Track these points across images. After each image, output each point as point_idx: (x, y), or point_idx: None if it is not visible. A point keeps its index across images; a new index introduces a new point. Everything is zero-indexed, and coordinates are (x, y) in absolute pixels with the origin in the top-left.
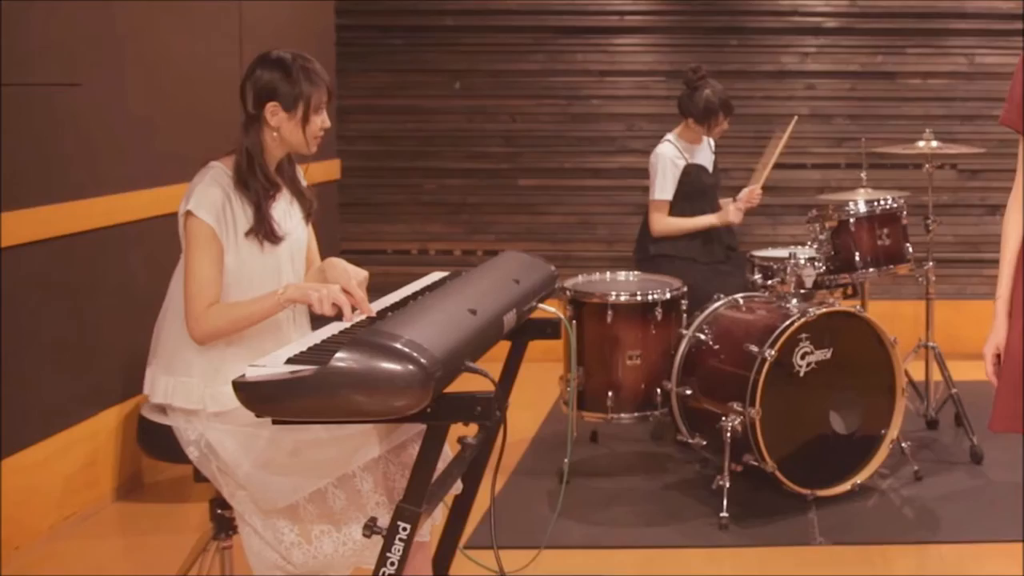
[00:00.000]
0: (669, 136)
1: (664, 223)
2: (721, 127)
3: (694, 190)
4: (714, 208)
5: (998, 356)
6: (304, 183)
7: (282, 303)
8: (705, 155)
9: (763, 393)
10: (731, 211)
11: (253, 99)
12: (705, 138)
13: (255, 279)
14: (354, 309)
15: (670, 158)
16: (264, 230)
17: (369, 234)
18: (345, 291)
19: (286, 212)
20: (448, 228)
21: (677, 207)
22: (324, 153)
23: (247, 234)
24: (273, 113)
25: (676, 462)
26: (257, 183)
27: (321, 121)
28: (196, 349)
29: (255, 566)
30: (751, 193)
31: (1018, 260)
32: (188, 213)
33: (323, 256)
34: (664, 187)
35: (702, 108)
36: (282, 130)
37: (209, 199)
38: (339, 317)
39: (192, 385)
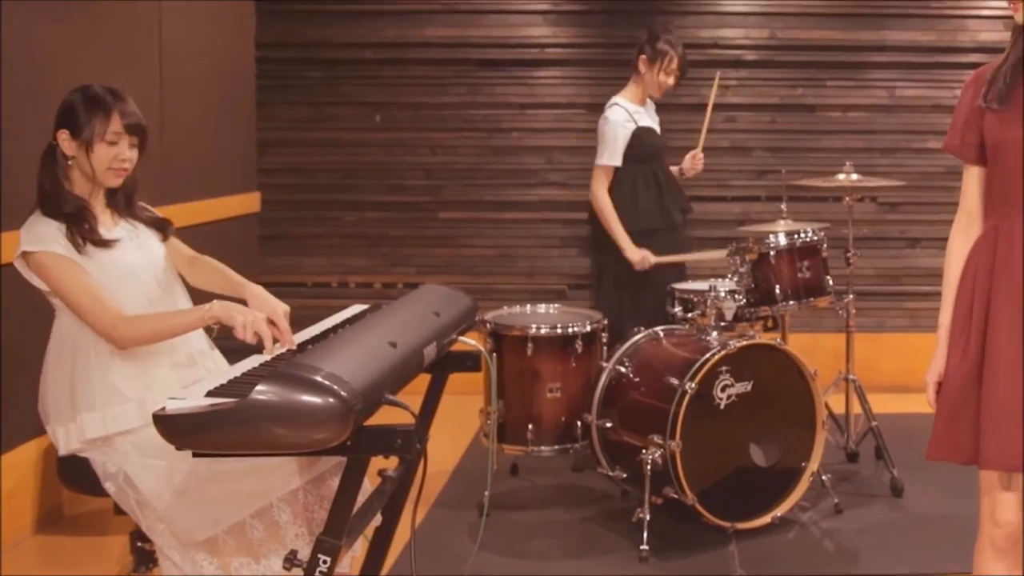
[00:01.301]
0: (617, 99)
1: (601, 200)
2: (668, 78)
3: (645, 153)
4: (664, 169)
5: (939, 384)
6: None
7: (206, 319)
8: (651, 117)
9: (683, 426)
10: (634, 253)
11: (53, 127)
12: (649, 100)
13: (123, 285)
14: (275, 341)
15: (621, 122)
16: (82, 236)
17: (289, 267)
18: (270, 322)
19: (133, 233)
20: (368, 261)
21: (630, 170)
22: (244, 186)
23: (76, 247)
24: (64, 141)
25: (596, 495)
26: (64, 209)
27: (115, 152)
28: (93, 379)
29: None
30: (694, 158)
31: (958, 288)
32: (28, 254)
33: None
34: (614, 153)
35: (655, 42)
36: (78, 159)
37: (41, 233)
38: (257, 347)
39: (101, 414)
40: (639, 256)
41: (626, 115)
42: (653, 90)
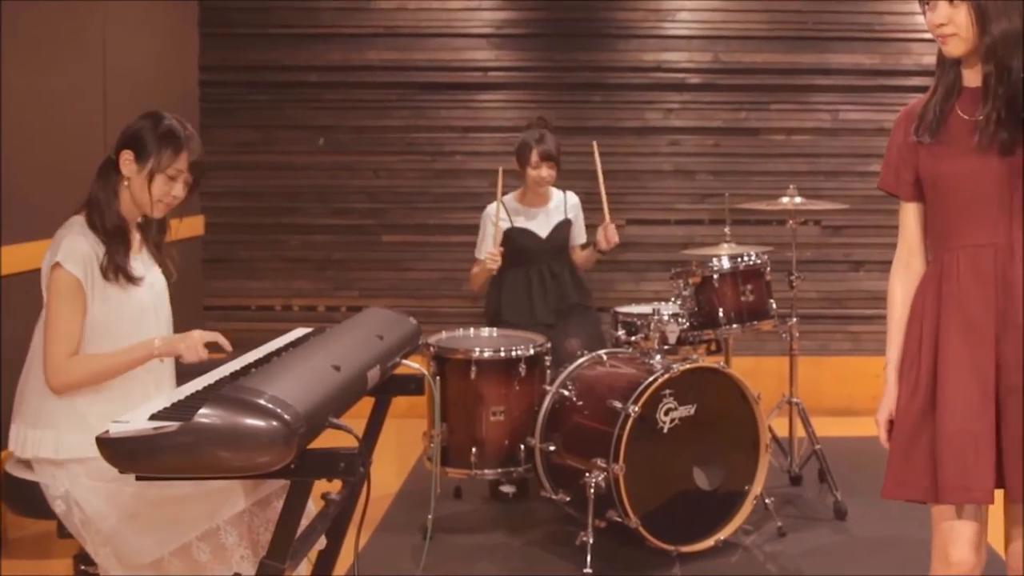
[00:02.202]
0: (506, 197)
1: (470, 275)
2: (538, 171)
3: (516, 254)
4: (540, 272)
5: (891, 423)
6: (167, 250)
7: (152, 355)
8: (540, 219)
9: (627, 449)
10: (488, 258)
11: (117, 143)
12: (557, 200)
13: (121, 325)
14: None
15: (489, 216)
16: (115, 267)
17: (233, 290)
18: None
19: (147, 266)
20: (312, 284)
21: (506, 271)
22: (188, 209)
23: (104, 275)
24: (126, 162)
25: (540, 518)
26: (107, 225)
27: (171, 189)
28: (61, 400)
29: None
30: (605, 231)
31: (907, 326)
32: (56, 265)
33: (181, 311)
34: (480, 246)
35: (518, 148)
36: (132, 182)
37: (77, 251)
38: (207, 368)
39: (58, 437)
40: (482, 258)
41: (503, 213)
42: (533, 187)
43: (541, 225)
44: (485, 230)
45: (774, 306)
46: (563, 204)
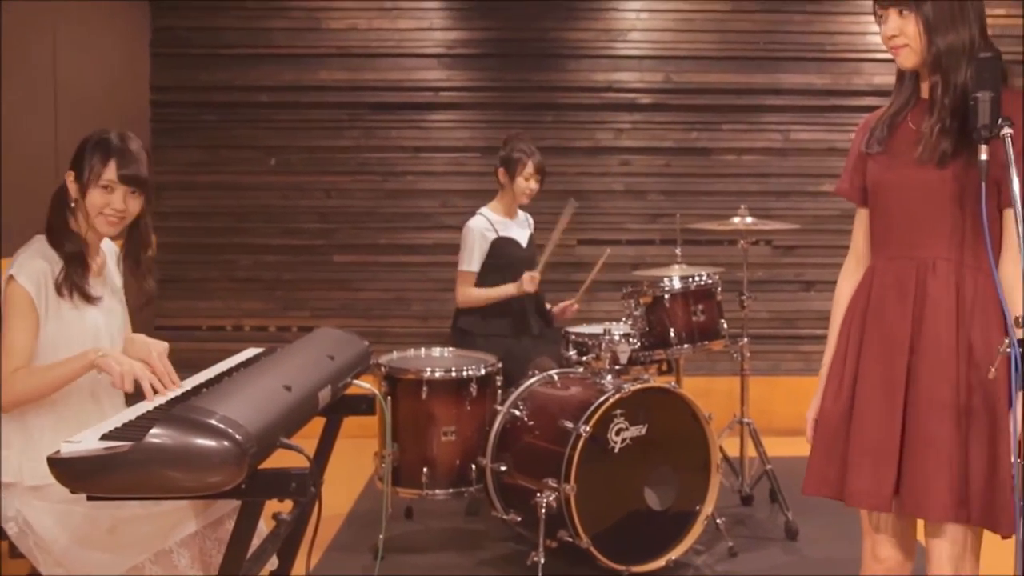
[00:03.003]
0: (482, 209)
1: (466, 294)
2: (528, 183)
3: (503, 263)
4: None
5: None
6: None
7: (87, 367)
8: (519, 230)
9: (578, 469)
10: (525, 279)
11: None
12: (521, 213)
13: (73, 346)
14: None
15: (479, 231)
16: (71, 284)
17: (184, 310)
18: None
19: (108, 292)
20: (263, 304)
21: (488, 280)
22: None
23: (58, 290)
24: (70, 181)
25: (491, 538)
26: (65, 248)
27: (106, 199)
28: (13, 421)
29: None
30: (564, 311)
31: (840, 329)
32: (10, 278)
33: (135, 331)
34: (471, 259)
35: (508, 152)
36: (79, 202)
37: (32, 267)
38: (142, 394)
39: (11, 458)
40: (528, 281)
41: (487, 224)
42: (519, 198)
43: (520, 235)
44: (475, 244)
45: (725, 326)
46: (527, 220)
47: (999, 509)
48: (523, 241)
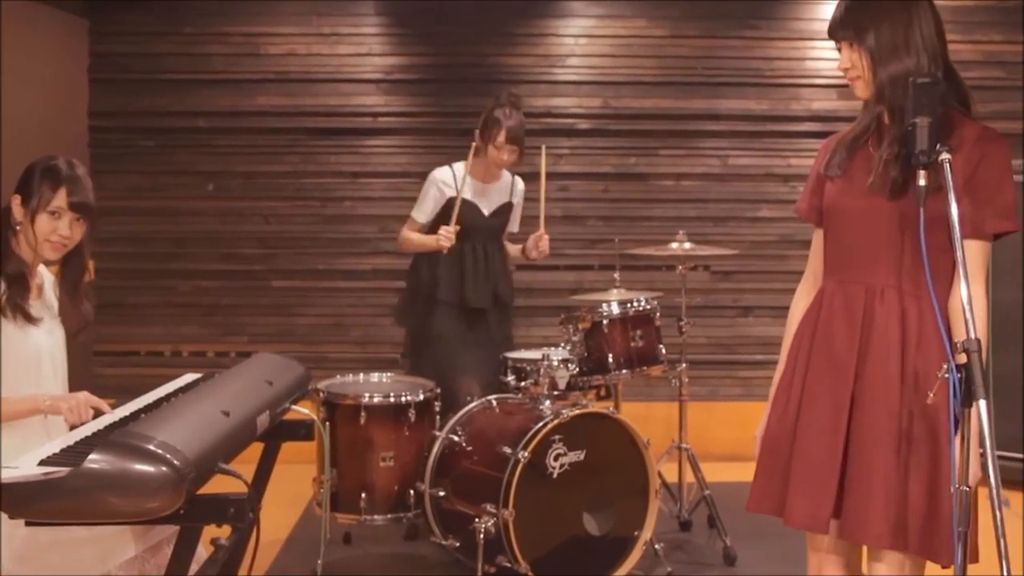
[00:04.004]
0: (456, 163)
1: (400, 240)
2: (500, 153)
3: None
4: (476, 251)
5: None
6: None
7: (37, 410)
8: (490, 197)
9: (516, 494)
10: (441, 234)
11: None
12: (508, 177)
13: (15, 367)
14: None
15: (438, 182)
16: (13, 305)
17: (122, 336)
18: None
19: (49, 314)
20: (201, 329)
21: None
22: None
23: (2, 312)
24: (16, 205)
25: (430, 564)
26: (7, 270)
27: (54, 226)
28: None
29: None
30: (538, 240)
31: (790, 349)
32: None
33: (70, 357)
34: (420, 209)
35: (485, 118)
36: (23, 225)
37: None
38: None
39: None
40: (438, 236)
41: (449, 178)
42: (491, 164)
43: (486, 202)
44: (427, 193)
45: (664, 351)
46: (510, 187)
47: (938, 538)
48: (487, 210)
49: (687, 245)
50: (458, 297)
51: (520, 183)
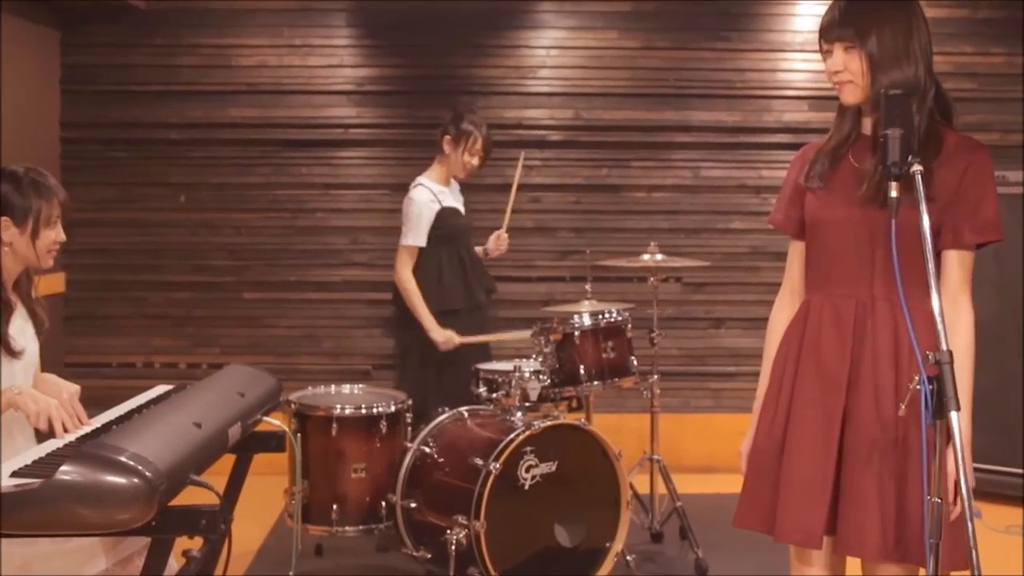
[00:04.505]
0: (421, 179)
1: (405, 280)
2: (472, 159)
3: (449, 234)
4: (469, 249)
5: None
6: (36, 300)
7: (3, 405)
8: (455, 197)
9: (488, 506)
10: (439, 334)
11: None
12: (454, 180)
13: None
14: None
15: (424, 203)
16: (2, 345)
17: (94, 347)
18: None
19: (21, 329)
20: (173, 341)
21: (434, 251)
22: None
23: None
24: (5, 228)
25: (401, 575)
26: None
27: (55, 235)
28: None
29: None
30: (498, 239)
31: (774, 362)
32: None
33: (42, 369)
34: (417, 234)
35: (459, 121)
36: (15, 245)
37: None
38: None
39: None
40: (444, 337)
41: (431, 195)
42: (457, 170)
43: (458, 203)
44: (421, 216)
45: (635, 363)
46: (456, 185)
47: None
48: (461, 208)
49: (659, 257)
50: (468, 298)
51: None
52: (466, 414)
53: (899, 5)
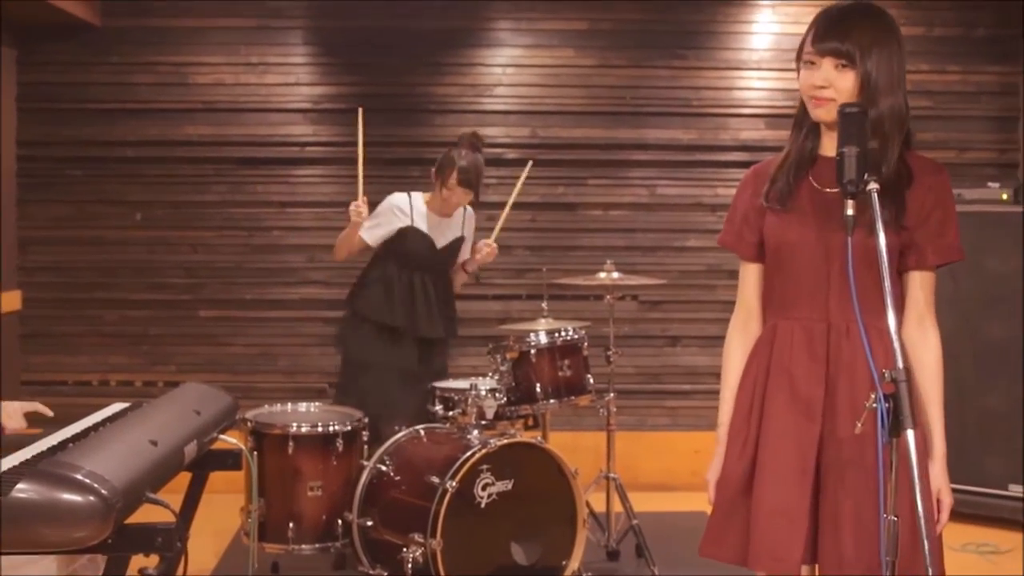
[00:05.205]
0: (414, 193)
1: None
2: (453, 192)
3: (402, 254)
4: (426, 282)
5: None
6: None
7: None
8: (445, 231)
9: (444, 524)
10: (352, 210)
11: None
12: (458, 217)
13: None
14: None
15: (393, 206)
16: None
17: (50, 365)
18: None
19: None
20: (129, 359)
21: (386, 265)
22: (4, 284)
23: None
24: None
25: None
26: None
27: None
28: None
29: None
30: (479, 249)
31: (739, 387)
32: None
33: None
34: (372, 229)
35: (441, 159)
36: None
37: None
38: (24, 443)
39: None
40: (353, 206)
41: (406, 205)
42: (442, 204)
43: (440, 236)
44: (380, 215)
45: (591, 381)
46: (462, 220)
47: (919, 561)
48: (440, 243)
49: (615, 275)
50: (412, 326)
51: (471, 214)
52: (422, 432)
53: (892, 27)
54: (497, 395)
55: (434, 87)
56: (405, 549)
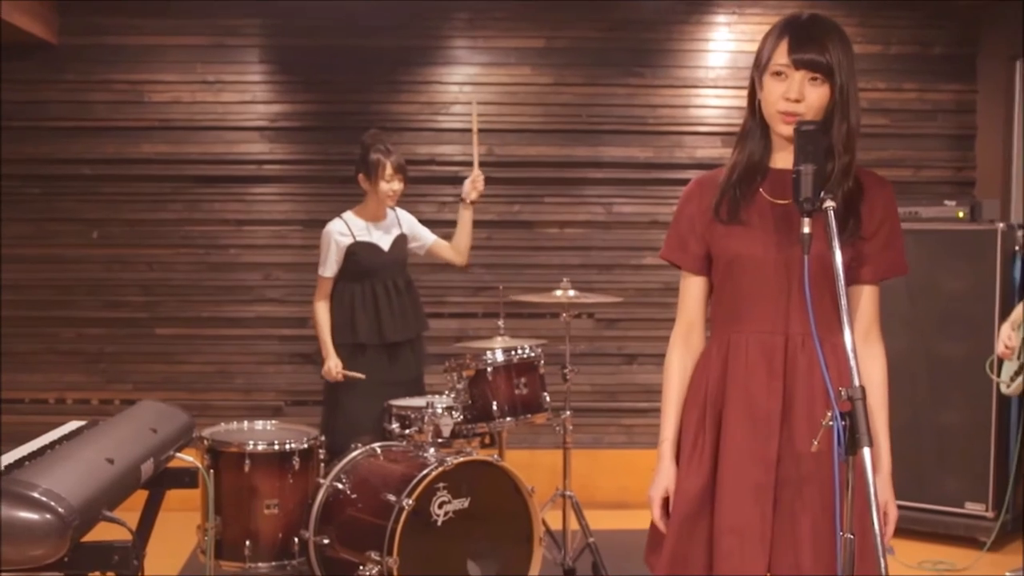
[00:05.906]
0: (345, 213)
1: (314, 309)
2: (391, 184)
3: (361, 269)
4: (388, 287)
5: (666, 500)
6: None
7: None
8: (384, 234)
9: (401, 542)
10: (327, 363)
11: None
12: (392, 213)
13: None
14: None
15: (334, 235)
16: None
17: (6, 383)
18: None
19: None
20: (86, 377)
21: (347, 286)
22: None
23: None
24: None
25: None
26: None
27: None
28: None
29: None
30: (474, 182)
31: (688, 402)
32: None
33: None
34: (324, 264)
35: (365, 156)
36: None
37: None
38: None
39: None
40: (327, 367)
41: (344, 228)
42: (383, 201)
43: (382, 239)
44: (328, 248)
45: (548, 399)
46: (396, 220)
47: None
48: (385, 246)
49: (571, 293)
50: (378, 336)
51: (404, 213)
52: (379, 450)
53: (847, 40)
54: (454, 413)
55: (390, 105)
56: (361, 567)
